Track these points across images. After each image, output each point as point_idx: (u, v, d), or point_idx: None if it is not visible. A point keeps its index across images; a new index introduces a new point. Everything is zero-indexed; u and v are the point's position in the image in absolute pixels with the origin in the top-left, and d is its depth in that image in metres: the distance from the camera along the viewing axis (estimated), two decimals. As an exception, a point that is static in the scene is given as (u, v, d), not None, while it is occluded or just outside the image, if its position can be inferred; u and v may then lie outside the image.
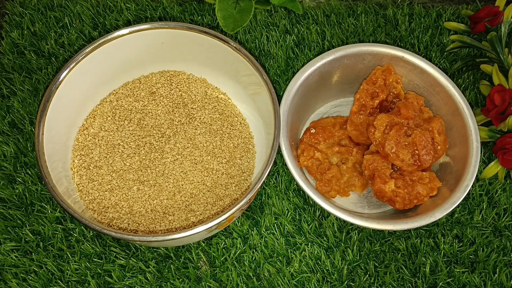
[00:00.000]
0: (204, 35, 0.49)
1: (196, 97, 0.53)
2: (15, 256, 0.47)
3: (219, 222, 0.42)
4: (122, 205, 0.47)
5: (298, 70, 0.50)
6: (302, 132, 0.53)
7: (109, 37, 0.48)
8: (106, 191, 0.48)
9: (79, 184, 0.48)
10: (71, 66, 0.46)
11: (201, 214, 0.47)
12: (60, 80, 0.46)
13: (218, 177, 0.49)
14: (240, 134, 0.52)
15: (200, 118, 0.52)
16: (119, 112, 0.52)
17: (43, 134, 0.44)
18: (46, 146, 0.45)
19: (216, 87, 0.54)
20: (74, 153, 0.50)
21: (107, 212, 0.47)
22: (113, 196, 0.48)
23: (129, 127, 0.51)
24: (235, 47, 0.48)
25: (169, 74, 0.54)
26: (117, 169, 0.49)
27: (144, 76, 0.54)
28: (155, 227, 0.46)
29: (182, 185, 0.48)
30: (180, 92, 0.53)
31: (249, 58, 0.47)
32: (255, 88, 0.49)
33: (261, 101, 0.49)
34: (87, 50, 0.47)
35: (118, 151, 0.50)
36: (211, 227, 0.42)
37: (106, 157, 0.49)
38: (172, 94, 0.53)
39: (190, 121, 0.51)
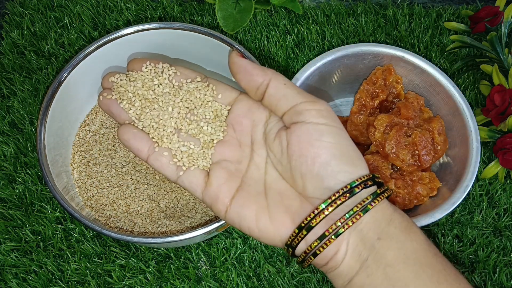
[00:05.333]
0: (208, 37, 0.49)
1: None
2: (15, 256, 0.47)
3: (219, 225, 0.42)
4: (120, 204, 0.47)
5: (298, 70, 0.50)
6: (302, 132, 0.53)
7: (115, 35, 0.48)
8: (104, 188, 0.48)
9: (78, 180, 0.48)
10: (76, 63, 0.47)
11: (200, 215, 0.47)
12: (64, 76, 0.47)
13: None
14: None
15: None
16: (120, 111, 0.52)
17: (45, 131, 0.45)
18: (48, 140, 0.45)
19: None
20: (75, 148, 0.50)
21: (104, 210, 0.47)
22: (111, 194, 0.48)
23: (129, 126, 0.51)
24: (239, 50, 0.48)
25: (171, 74, 0.54)
26: (116, 167, 0.49)
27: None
28: (152, 227, 0.46)
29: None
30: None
31: (252, 60, 0.48)
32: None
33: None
34: (91, 49, 0.48)
35: (118, 149, 0.50)
36: (210, 230, 0.42)
37: (106, 154, 0.49)
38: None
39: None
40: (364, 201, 0.32)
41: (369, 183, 0.32)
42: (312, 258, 0.32)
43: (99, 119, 0.51)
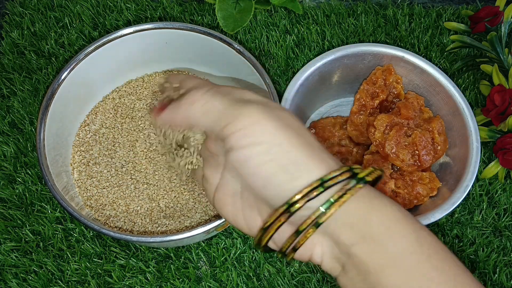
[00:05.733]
0: (208, 37, 0.49)
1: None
2: (15, 256, 0.47)
3: (218, 224, 0.42)
4: (119, 203, 0.47)
5: (298, 70, 0.50)
6: (302, 132, 0.53)
7: (114, 35, 0.48)
8: (104, 188, 0.48)
9: (78, 180, 0.48)
10: (75, 63, 0.47)
11: (200, 215, 0.47)
12: (64, 76, 0.47)
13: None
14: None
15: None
16: (121, 110, 0.52)
17: (44, 130, 0.45)
18: (48, 140, 0.45)
19: (218, 88, 0.54)
20: (75, 148, 0.50)
21: (104, 210, 0.47)
22: (111, 193, 0.48)
23: (130, 125, 0.51)
24: (238, 49, 0.48)
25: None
26: (116, 166, 0.49)
27: (148, 75, 0.54)
28: (151, 227, 0.46)
29: (181, 185, 0.48)
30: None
31: (252, 60, 0.48)
32: (257, 90, 0.49)
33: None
34: (91, 48, 0.48)
35: (118, 149, 0.50)
36: (209, 229, 0.42)
37: (105, 154, 0.49)
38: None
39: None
40: (315, 214, 0.28)
41: (315, 192, 0.28)
42: (286, 258, 0.31)
43: (99, 119, 0.51)
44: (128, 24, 0.58)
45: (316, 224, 0.28)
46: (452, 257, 0.29)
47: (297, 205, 0.28)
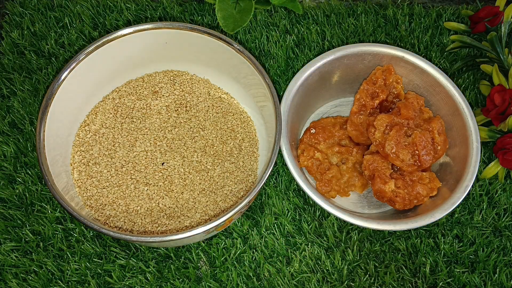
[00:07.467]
0: (208, 36, 0.49)
1: (199, 98, 0.53)
2: (15, 256, 0.47)
3: (218, 224, 0.42)
4: (119, 203, 0.47)
5: (298, 70, 0.50)
6: (302, 132, 0.53)
7: (114, 35, 0.48)
8: (104, 188, 0.48)
9: (77, 180, 0.48)
10: (75, 63, 0.47)
11: (200, 215, 0.47)
12: (64, 76, 0.47)
13: (218, 177, 0.49)
14: (243, 136, 0.52)
15: (202, 118, 0.52)
16: (121, 110, 0.52)
17: (44, 130, 0.45)
18: (48, 140, 0.45)
19: (219, 88, 0.54)
20: (75, 148, 0.50)
21: (104, 210, 0.47)
22: (111, 193, 0.48)
23: (130, 125, 0.51)
24: (238, 49, 0.48)
25: (172, 74, 0.54)
26: (116, 166, 0.49)
27: (148, 75, 0.54)
28: (151, 227, 0.46)
29: (181, 185, 0.48)
30: (183, 92, 0.53)
31: (252, 60, 0.48)
32: (257, 90, 0.49)
33: (263, 103, 0.49)
34: (91, 48, 0.48)
35: (118, 149, 0.50)
36: (209, 229, 0.42)
37: (105, 154, 0.49)
38: (175, 93, 0.53)
39: (192, 121, 0.52)
40: None
41: None
42: None
43: (99, 119, 0.51)
44: (128, 24, 0.58)
45: None
46: None
47: None
